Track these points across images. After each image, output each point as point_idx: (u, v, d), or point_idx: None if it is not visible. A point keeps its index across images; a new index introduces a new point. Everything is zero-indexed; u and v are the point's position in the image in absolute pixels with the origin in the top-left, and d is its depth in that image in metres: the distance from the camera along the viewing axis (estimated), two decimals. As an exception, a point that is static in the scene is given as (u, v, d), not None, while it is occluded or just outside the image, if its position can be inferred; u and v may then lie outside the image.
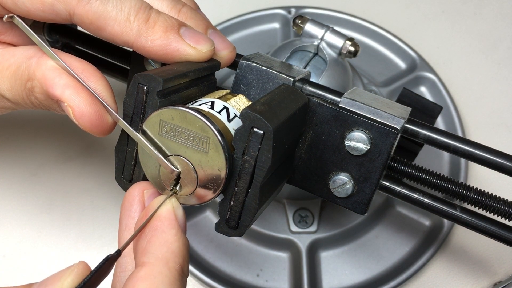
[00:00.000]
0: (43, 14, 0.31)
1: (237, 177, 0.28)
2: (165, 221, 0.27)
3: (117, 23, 0.31)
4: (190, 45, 0.32)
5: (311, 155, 0.34)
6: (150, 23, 0.31)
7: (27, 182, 0.55)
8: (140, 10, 0.31)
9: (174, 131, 0.28)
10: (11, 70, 0.32)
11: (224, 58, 0.35)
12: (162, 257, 0.25)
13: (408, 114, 0.33)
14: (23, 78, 0.32)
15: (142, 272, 0.25)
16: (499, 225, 0.34)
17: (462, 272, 0.49)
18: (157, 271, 0.25)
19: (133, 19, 0.31)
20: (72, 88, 0.30)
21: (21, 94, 0.33)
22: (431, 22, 0.65)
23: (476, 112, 0.58)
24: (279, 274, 0.50)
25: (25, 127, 0.58)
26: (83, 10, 0.30)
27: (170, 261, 0.25)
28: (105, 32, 0.31)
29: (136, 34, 0.31)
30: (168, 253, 0.26)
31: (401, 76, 0.60)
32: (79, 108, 0.30)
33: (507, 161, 0.32)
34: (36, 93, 0.32)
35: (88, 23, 0.31)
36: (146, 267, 0.25)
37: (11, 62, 0.32)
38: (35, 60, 0.32)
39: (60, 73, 0.31)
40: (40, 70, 0.31)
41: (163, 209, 0.28)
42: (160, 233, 0.26)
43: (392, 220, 0.52)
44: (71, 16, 0.31)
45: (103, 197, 0.54)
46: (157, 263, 0.25)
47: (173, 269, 0.25)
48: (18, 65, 0.32)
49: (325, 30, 0.46)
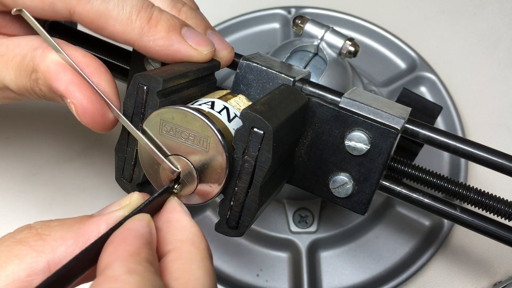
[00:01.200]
0: (42, 12, 0.31)
1: (237, 177, 0.28)
2: (176, 211, 0.27)
3: (119, 22, 0.30)
4: (192, 46, 0.32)
5: (311, 155, 0.34)
6: (153, 22, 0.31)
7: (27, 182, 0.55)
8: (142, 9, 0.31)
9: (175, 130, 0.28)
10: (16, 61, 0.32)
11: (224, 58, 0.35)
12: (186, 240, 0.25)
13: (408, 114, 0.33)
14: (28, 69, 0.31)
15: (171, 256, 0.25)
16: (499, 225, 0.34)
17: (462, 272, 0.49)
18: (186, 251, 0.25)
19: (135, 18, 0.31)
20: (76, 85, 0.30)
21: (26, 85, 0.32)
22: (431, 22, 0.65)
23: (476, 112, 0.58)
24: (279, 274, 0.50)
25: (25, 127, 0.58)
26: (83, 9, 0.30)
27: (195, 241, 0.25)
28: (106, 31, 0.31)
29: (138, 33, 0.31)
30: (191, 235, 0.26)
31: (401, 76, 0.60)
32: (81, 105, 0.30)
33: (507, 161, 0.32)
34: (40, 85, 0.32)
35: (89, 22, 0.31)
36: (173, 252, 0.25)
37: (16, 53, 0.32)
38: (40, 52, 0.31)
39: (64, 68, 0.30)
40: (44, 63, 0.31)
41: (170, 203, 0.28)
42: (175, 222, 0.27)
43: (392, 220, 0.52)
44: (71, 14, 0.31)
45: (103, 197, 0.54)
46: (183, 245, 0.25)
47: (201, 248, 0.25)
48: (23, 56, 0.32)
49: (325, 30, 0.46)
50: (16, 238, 0.24)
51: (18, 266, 0.23)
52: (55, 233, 0.24)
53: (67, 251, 0.24)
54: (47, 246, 0.24)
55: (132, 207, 0.26)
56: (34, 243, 0.24)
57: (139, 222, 0.24)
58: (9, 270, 0.23)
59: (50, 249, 0.24)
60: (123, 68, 0.45)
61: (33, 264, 0.23)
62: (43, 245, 0.24)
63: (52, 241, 0.24)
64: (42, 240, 0.24)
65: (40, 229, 0.24)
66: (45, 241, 0.24)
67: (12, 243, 0.24)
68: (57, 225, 0.25)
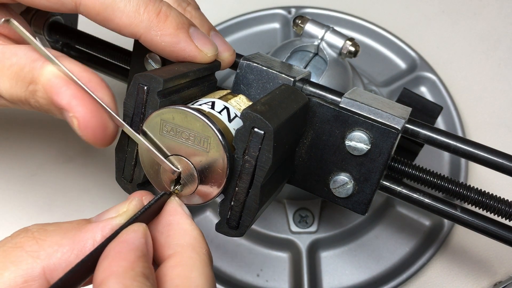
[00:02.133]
0: (48, 3, 0.31)
1: (237, 177, 0.28)
2: (177, 214, 0.27)
3: (126, 14, 0.30)
4: (197, 47, 0.31)
5: (311, 155, 0.34)
6: (161, 16, 0.31)
7: (27, 182, 0.55)
8: (150, 2, 0.31)
9: (175, 130, 0.28)
10: (12, 70, 0.31)
11: (225, 60, 0.35)
12: (187, 245, 0.25)
13: (409, 114, 0.33)
14: (25, 80, 0.31)
15: (171, 261, 0.25)
16: (499, 225, 0.34)
17: (462, 272, 0.49)
18: (187, 256, 0.25)
19: (143, 11, 0.30)
20: (79, 99, 0.29)
21: (20, 95, 0.32)
22: (431, 22, 0.65)
23: (476, 112, 0.58)
24: (279, 274, 0.50)
25: (25, 127, 0.58)
26: (89, 1, 0.30)
27: (196, 246, 0.25)
28: (112, 23, 0.31)
29: (146, 26, 0.30)
30: (191, 240, 0.26)
31: (401, 76, 0.60)
32: (84, 120, 0.29)
33: (507, 161, 0.32)
34: (38, 97, 0.31)
35: (95, 13, 0.30)
36: (174, 257, 0.25)
37: (13, 62, 0.31)
38: (40, 64, 0.30)
39: (66, 82, 0.30)
40: (44, 76, 0.30)
41: (170, 205, 0.28)
42: (176, 225, 0.26)
43: (392, 220, 0.52)
44: (77, 6, 0.30)
45: (103, 197, 0.54)
46: (184, 250, 0.25)
47: (201, 253, 0.25)
48: (21, 67, 0.31)
49: (325, 30, 0.46)
50: (13, 243, 0.24)
51: (14, 273, 0.23)
52: (51, 239, 0.24)
53: (62, 258, 0.24)
54: (43, 251, 0.24)
55: (129, 214, 0.26)
56: (29, 248, 0.24)
57: (134, 234, 0.24)
58: (5, 276, 0.23)
59: (45, 255, 0.24)
60: (123, 68, 0.45)
61: (29, 270, 0.23)
62: (38, 250, 0.24)
63: (48, 247, 0.24)
64: (37, 245, 0.24)
65: (37, 233, 0.24)
66: (40, 247, 0.24)
67: (9, 248, 0.24)
68: (53, 230, 0.25)
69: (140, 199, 0.27)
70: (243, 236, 0.34)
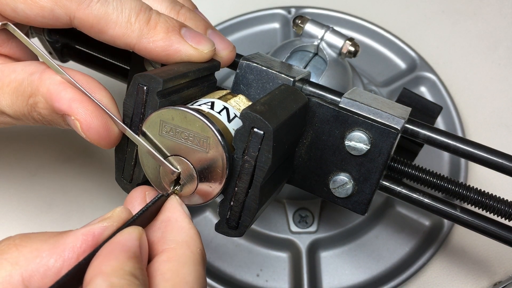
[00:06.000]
0: (43, 20, 0.31)
1: (237, 177, 0.28)
2: (176, 211, 0.27)
3: (118, 25, 0.31)
4: (192, 46, 0.32)
5: (311, 155, 0.34)
6: (152, 24, 0.31)
7: (27, 182, 0.55)
8: (141, 12, 0.31)
9: (174, 131, 0.28)
10: (12, 86, 0.32)
11: (224, 58, 0.35)
12: (182, 241, 0.26)
13: (408, 114, 0.33)
14: (25, 94, 0.31)
15: (164, 256, 0.25)
16: (499, 225, 0.34)
17: (462, 272, 0.49)
18: (180, 253, 0.25)
19: (134, 21, 0.31)
20: (79, 102, 0.30)
21: (23, 110, 0.32)
22: (431, 22, 0.65)
23: (476, 112, 0.58)
24: (279, 274, 0.50)
25: (25, 127, 0.58)
26: (83, 14, 0.30)
27: (191, 244, 0.26)
28: (106, 35, 0.31)
29: (137, 36, 0.31)
30: (187, 237, 0.26)
31: (401, 76, 0.60)
32: (86, 121, 0.30)
33: (507, 161, 0.32)
34: (40, 109, 0.32)
35: (89, 26, 0.31)
36: (167, 252, 0.25)
37: (12, 78, 0.32)
38: (37, 76, 0.31)
39: (65, 87, 0.30)
40: (44, 85, 0.31)
41: (171, 202, 0.28)
42: (174, 222, 0.27)
43: (392, 220, 0.52)
44: (71, 20, 0.31)
45: (103, 197, 0.54)
46: (179, 246, 0.25)
47: (195, 252, 0.25)
48: (20, 82, 0.32)
49: (325, 30, 0.46)
50: None
51: None
52: (31, 245, 0.24)
53: (41, 263, 0.24)
54: (22, 257, 0.24)
55: (114, 220, 0.25)
56: (9, 255, 0.24)
57: (128, 236, 0.24)
58: None
59: (24, 260, 0.24)
60: (123, 68, 0.45)
61: (7, 277, 0.23)
62: (18, 256, 0.24)
63: (28, 253, 0.24)
64: (17, 252, 0.24)
65: (18, 240, 0.24)
66: (20, 253, 0.24)
67: None
68: (35, 237, 0.25)
69: (126, 208, 0.27)
70: (243, 236, 0.34)
